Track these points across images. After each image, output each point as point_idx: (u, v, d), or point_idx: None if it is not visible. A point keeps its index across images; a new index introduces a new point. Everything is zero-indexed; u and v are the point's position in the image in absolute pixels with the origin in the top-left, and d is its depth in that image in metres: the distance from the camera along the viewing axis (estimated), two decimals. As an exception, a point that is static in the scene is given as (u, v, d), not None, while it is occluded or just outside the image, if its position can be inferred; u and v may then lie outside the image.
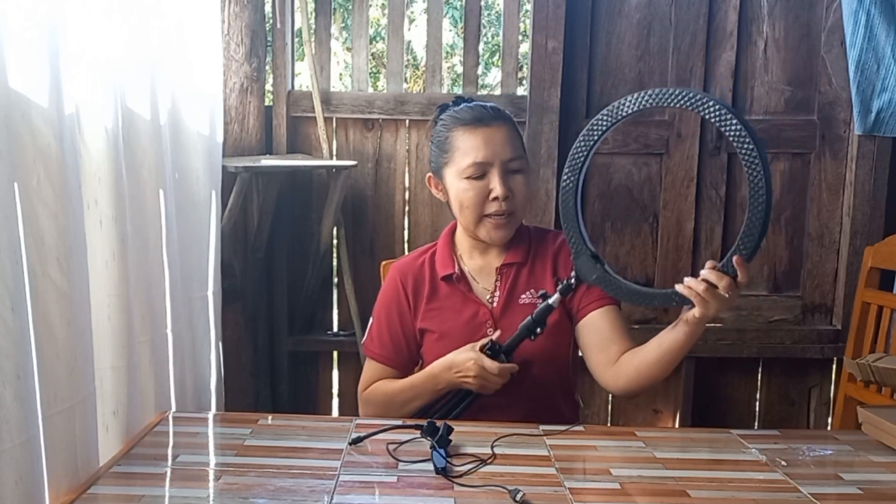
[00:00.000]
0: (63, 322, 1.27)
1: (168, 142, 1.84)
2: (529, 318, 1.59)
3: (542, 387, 1.66)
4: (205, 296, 2.15)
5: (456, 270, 1.69)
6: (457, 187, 1.63)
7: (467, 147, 1.61)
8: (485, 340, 1.58)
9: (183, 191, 1.98)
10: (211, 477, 1.32)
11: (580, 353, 1.72)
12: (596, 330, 1.65)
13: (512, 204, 1.62)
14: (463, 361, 1.56)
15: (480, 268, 1.71)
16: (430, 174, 1.72)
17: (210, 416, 1.86)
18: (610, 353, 1.62)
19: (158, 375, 1.76)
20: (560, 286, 1.61)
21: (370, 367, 1.75)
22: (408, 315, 1.72)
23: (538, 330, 1.59)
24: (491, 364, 1.54)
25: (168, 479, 1.32)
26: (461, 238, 1.72)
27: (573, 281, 1.60)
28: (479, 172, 1.60)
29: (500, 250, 1.70)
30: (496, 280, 1.69)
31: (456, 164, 1.63)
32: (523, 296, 1.68)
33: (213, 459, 1.44)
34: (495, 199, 1.60)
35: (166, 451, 1.46)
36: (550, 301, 1.59)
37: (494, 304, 1.68)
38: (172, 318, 1.86)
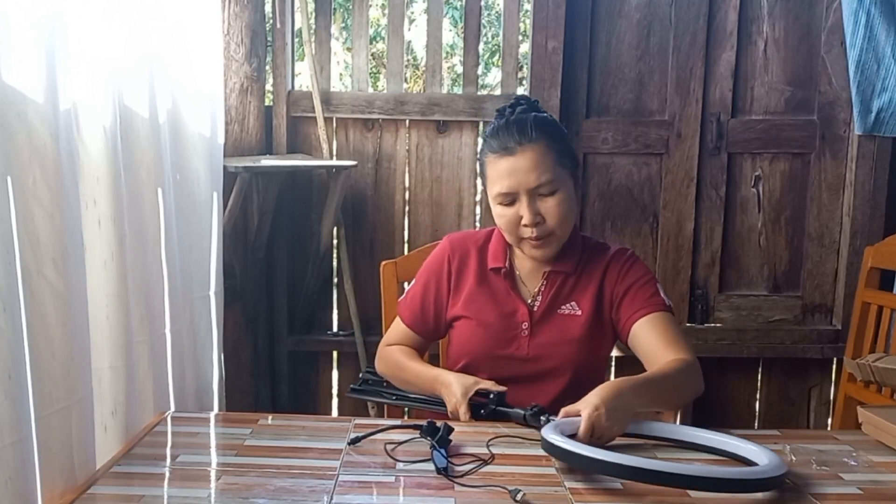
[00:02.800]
0: (59, 322, 1.27)
1: (167, 141, 1.84)
2: (526, 413, 1.52)
3: (573, 397, 1.66)
4: (206, 296, 2.15)
5: (506, 266, 1.70)
6: (494, 210, 1.65)
7: (494, 176, 1.62)
8: (483, 386, 1.58)
9: (183, 191, 1.98)
10: (211, 477, 1.32)
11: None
12: (645, 342, 1.62)
13: (544, 228, 1.61)
14: (452, 398, 1.59)
15: (529, 269, 1.71)
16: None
17: (210, 416, 1.86)
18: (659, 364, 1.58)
19: (157, 376, 1.76)
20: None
21: (397, 326, 1.80)
22: (445, 290, 1.74)
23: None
24: (465, 416, 1.57)
25: (168, 480, 1.31)
26: None
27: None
28: (508, 200, 1.61)
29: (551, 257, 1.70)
30: (542, 284, 1.69)
31: (489, 190, 1.65)
32: (564, 306, 1.68)
33: (213, 459, 1.43)
34: (525, 225, 1.61)
35: (166, 451, 1.46)
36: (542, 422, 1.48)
37: (536, 308, 1.68)
38: (173, 318, 1.85)
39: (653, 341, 1.61)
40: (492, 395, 1.56)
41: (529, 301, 1.69)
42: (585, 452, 1.27)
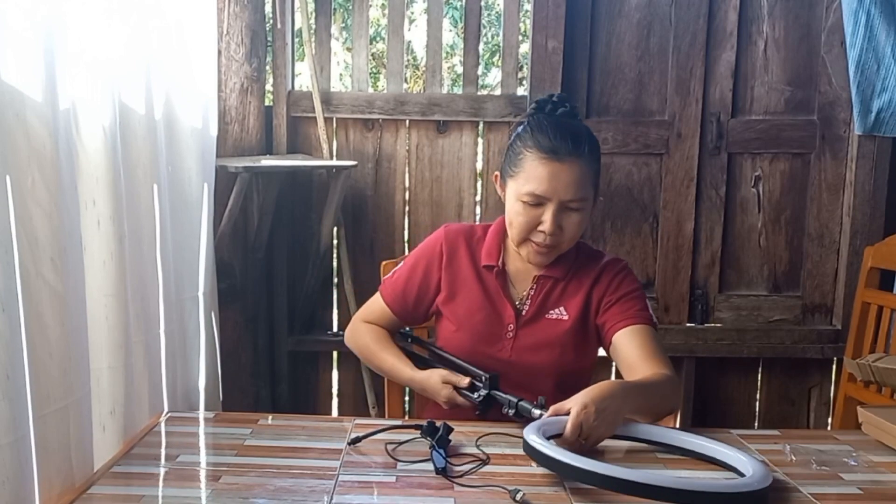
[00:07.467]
0: (57, 322, 1.27)
1: (162, 139, 1.84)
2: (516, 402, 1.48)
3: (557, 399, 1.65)
4: (195, 296, 2.14)
5: (499, 264, 1.69)
6: (512, 205, 1.62)
7: (532, 175, 1.57)
8: (459, 380, 1.58)
9: (176, 189, 1.97)
10: (209, 477, 1.32)
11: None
12: (626, 351, 1.61)
13: (557, 239, 1.60)
14: (435, 391, 1.61)
15: (519, 271, 1.70)
16: (498, 172, 1.70)
17: (209, 416, 1.85)
18: (637, 377, 1.56)
19: (153, 376, 1.76)
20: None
21: (376, 302, 1.78)
22: (433, 279, 1.72)
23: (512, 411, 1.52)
24: (462, 402, 1.58)
25: (168, 480, 1.31)
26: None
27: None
28: (536, 202, 1.58)
29: None
30: (531, 288, 1.68)
31: (517, 184, 1.60)
32: (552, 311, 1.67)
33: (213, 459, 1.43)
34: (542, 231, 1.59)
35: (166, 451, 1.46)
36: (534, 414, 1.44)
37: (524, 312, 1.67)
38: (166, 318, 1.85)
39: (636, 352, 1.59)
40: (484, 378, 1.54)
41: (518, 304, 1.68)
42: (563, 458, 1.24)
